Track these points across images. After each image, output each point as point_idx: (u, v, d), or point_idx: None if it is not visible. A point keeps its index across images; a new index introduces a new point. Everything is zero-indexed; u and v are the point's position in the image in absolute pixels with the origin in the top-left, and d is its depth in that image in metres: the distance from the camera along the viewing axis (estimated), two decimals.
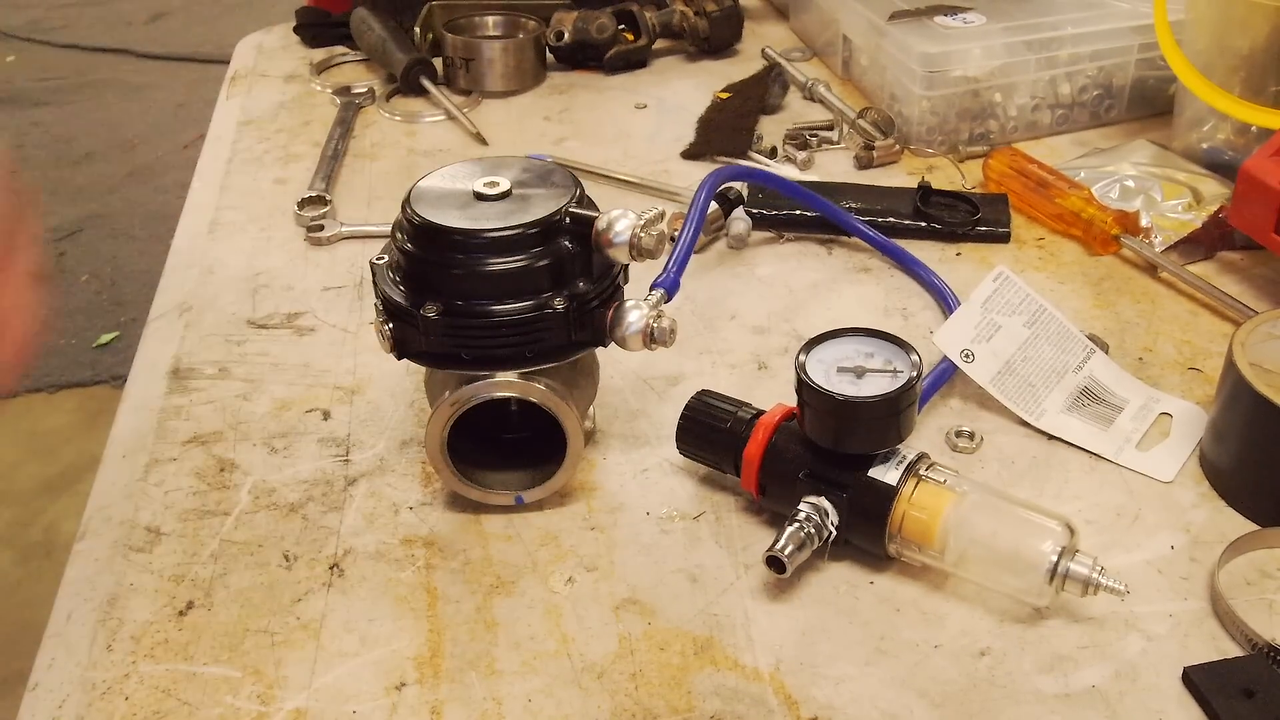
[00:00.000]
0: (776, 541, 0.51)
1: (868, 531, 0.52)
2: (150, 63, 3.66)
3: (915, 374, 0.52)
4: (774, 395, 0.59)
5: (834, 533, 0.52)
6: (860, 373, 0.53)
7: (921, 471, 0.52)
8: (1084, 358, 0.64)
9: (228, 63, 1.17)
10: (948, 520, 0.51)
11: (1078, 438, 0.60)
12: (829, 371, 0.53)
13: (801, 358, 0.53)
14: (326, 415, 0.65)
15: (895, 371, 0.53)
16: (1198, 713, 0.46)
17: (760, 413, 0.57)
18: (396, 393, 0.66)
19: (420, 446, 0.61)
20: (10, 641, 1.61)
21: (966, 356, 0.63)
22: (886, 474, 0.52)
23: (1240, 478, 0.56)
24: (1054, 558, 0.49)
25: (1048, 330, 0.65)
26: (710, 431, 0.57)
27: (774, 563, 0.50)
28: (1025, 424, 0.62)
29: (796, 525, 0.51)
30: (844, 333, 0.55)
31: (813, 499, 0.52)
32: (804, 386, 0.52)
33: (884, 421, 0.52)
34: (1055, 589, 0.49)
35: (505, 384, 0.53)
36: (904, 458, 0.52)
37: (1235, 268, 0.76)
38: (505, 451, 0.58)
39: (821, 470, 0.53)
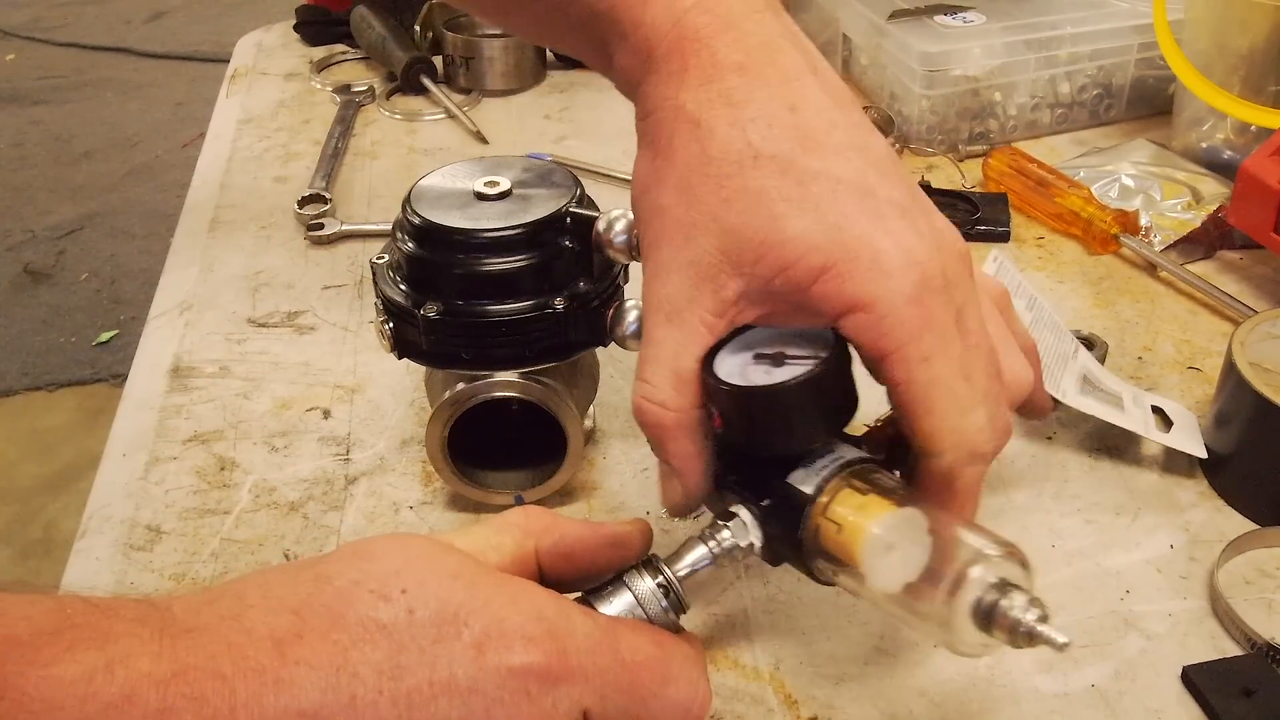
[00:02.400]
0: (674, 560, 0.42)
1: (786, 547, 0.43)
2: (150, 61, 3.66)
3: (826, 356, 0.41)
4: None
5: (754, 546, 0.43)
6: (779, 360, 0.43)
7: (851, 477, 0.42)
8: (1074, 349, 0.65)
9: (227, 61, 1.17)
10: (872, 537, 0.40)
11: (1102, 414, 0.60)
12: (745, 360, 0.43)
13: (715, 350, 0.44)
14: (327, 414, 0.65)
15: (816, 356, 0.42)
16: (1197, 712, 0.46)
17: None
18: (397, 392, 0.66)
19: (420, 446, 0.61)
20: None
21: None
22: (807, 479, 0.42)
23: (1240, 477, 0.57)
24: (981, 588, 0.37)
25: (1043, 317, 0.65)
26: None
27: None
28: (1024, 423, 0.62)
29: (699, 541, 0.43)
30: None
31: (734, 509, 0.43)
32: (710, 379, 0.43)
33: (784, 415, 0.42)
34: (973, 627, 0.37)
35: (505, 384, 0.53)
36: (837, 460, 0.42)
37: (1234, 267, 0.76)
38: (505, 451, 0.58)
39: (742, 475, 0.44)
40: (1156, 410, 0.61)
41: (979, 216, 0.79)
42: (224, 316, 0.74)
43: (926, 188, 0.81)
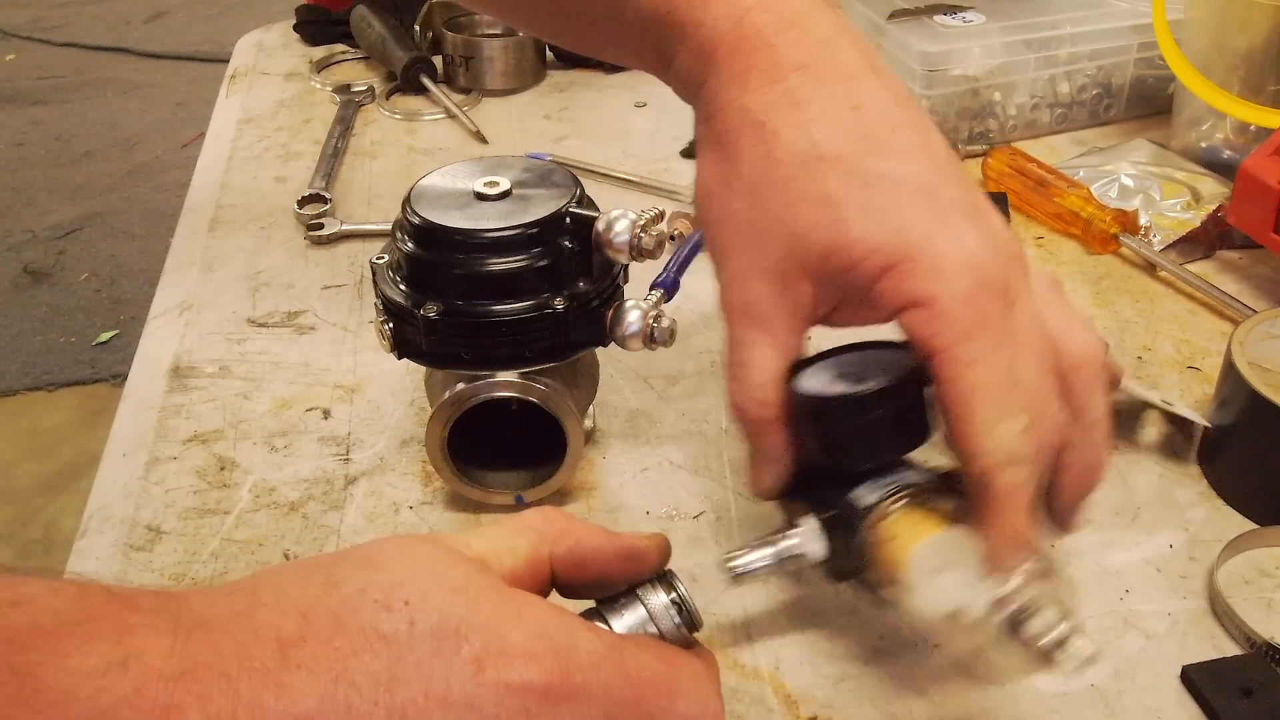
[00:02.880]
0: (743, 552, 0.44)
1: (844, 558, 0.45)
2: (150, 61, 3.66)
3: (898, 375, 0.43)
4: None
5: (816, 554, 0.44)
6: (858, 380, 0.45)
7: (910, 496, 0.43)
8: None
9: (227, 61, 1.17)
10: (917, 553, 0.41)
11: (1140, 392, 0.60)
12: (827, 380, 0.45)
13: (801, 368, 0.46)
14: (327, 414, 0.65)
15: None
16: (1196, 711, 0.47)
17: None
18: (397, 392, 0.66)
19: (420, 445, 0.61)
20: None
21: None
22: (868, 494, 0.44)
23: (1239, 476, 0.57)
24: (1016, 597, 0.39)
25: None
26: None
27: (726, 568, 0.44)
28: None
29: (764, 544, 0.45)
30: (862, 346, 0.47)
31: (800, 520, 0.45)
32: (787, 391, 0.45)
33: (852, 425, 0.43)
34: (1002, 632, 0.39)
35: (505, 384, 0.53)
36: (901, 480, 0.44)
37: (1234, 266, 0.76)
38: (505, 451, 0.58)
39: (812, 489, 0.46)
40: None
41: None
42: (224, 316, 0.74)
43: None
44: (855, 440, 0.44)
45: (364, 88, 1.06)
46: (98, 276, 2.61)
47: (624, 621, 0.40)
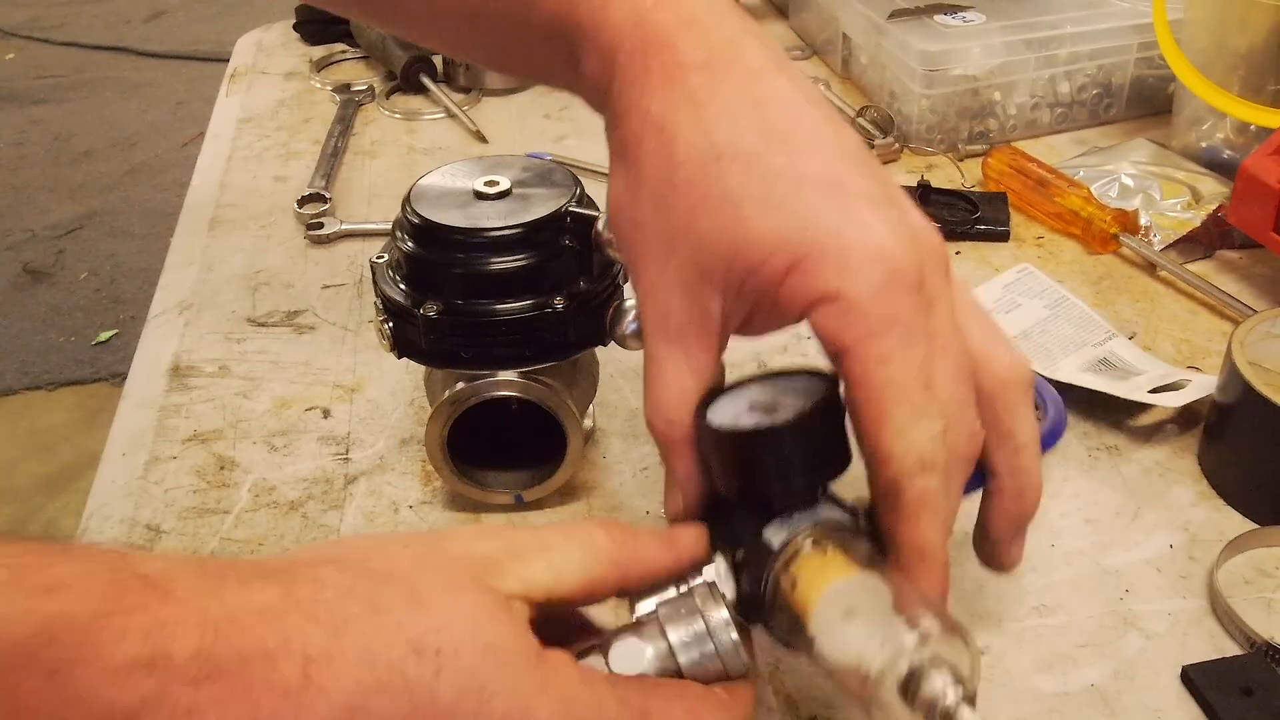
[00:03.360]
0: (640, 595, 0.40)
1: (755, 600, 0.40)
2: (149, 60, 3.66)
3: (811, 404, 0.39)
4: None
5: (733, 632, 0.39)
6: (772, 409, 0.41)
7: (813, 538, 0.39)
8: (1104, 338, 0.65)
9: (227, 60, 1.17)
10: (824, 597, 0.38)
11: (1091, 384, 0.61)
12: (740, 409, 0.42)
13: (713, 399, 0.43)
14: (326, 413, 0.65)
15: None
16: (1196, 711, 0.47)
17: None
18: (396, 391, 0.66)
19: (420, 445, 0.61)
20: None
21: None
22: (778, 533, 0.40)
23: (1239, 476, 0.57)
24: (908, 666, 0.34)
25: (1069, 314, 0.67)
26: None
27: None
28: None
29: (669, 583, 0.40)
30: (780, 374, 0.43)
31: (716, 554, 0.42)
32: (696, 422, 0.42)
33: (762, 458, 0.40)
34: (903, 706, 0.34)
35: (505, 383, 0.53)
36: (814, 518, 0.40)
37: (1234, 266, 0.76)
38: (505, 450, 0.58)
39: (724, 523, 0.43)
40: (1178, 384, 0.61)
41: (979, 216, 0.79)
42: (223, 316, 0.74)
43: (926, 187, 0.81)
44: (767, 474, 0.40)
45: (364, 87, 1.06)
46: (97, 276, 2.61)
47: (680, 634, 0.39)
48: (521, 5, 0.46)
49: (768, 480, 0.40)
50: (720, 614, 0.39)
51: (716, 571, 0.41)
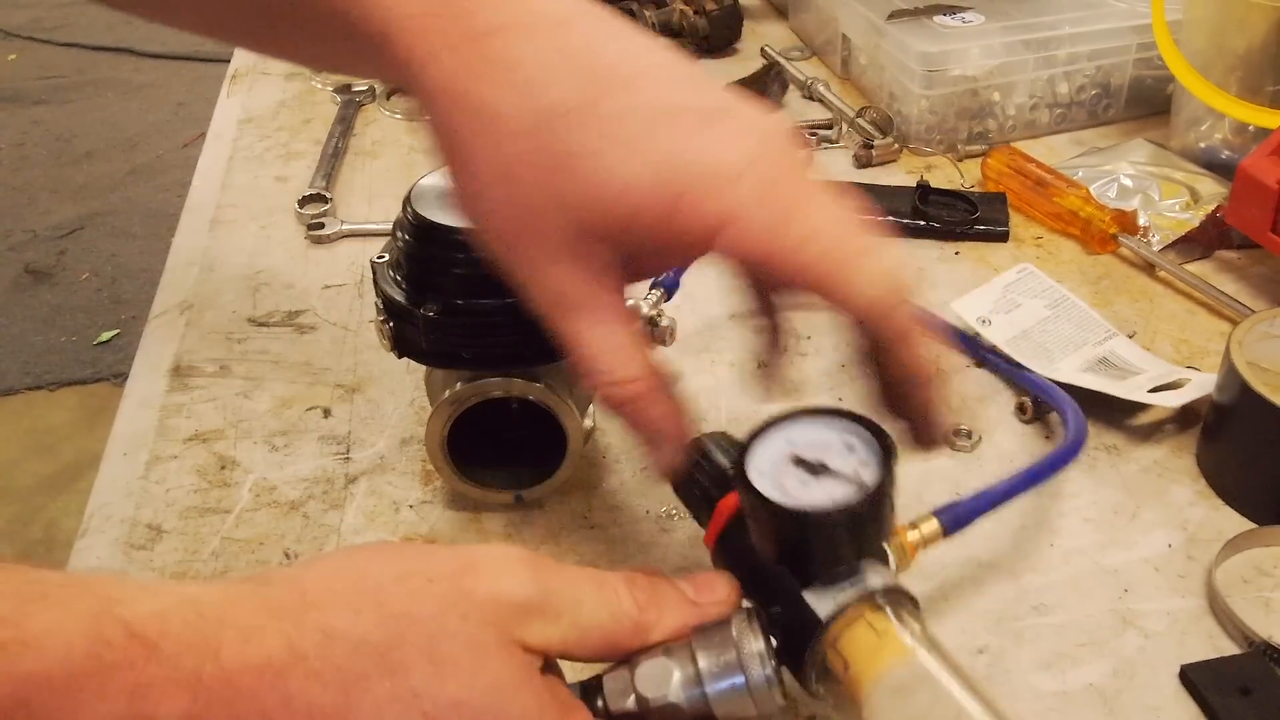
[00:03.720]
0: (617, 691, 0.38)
1: (788, 659, 0.39)
2: (151, 61, 3.66)
3: (872, 486, 0.38)
4: None
5: (768, 667, 0.38)
6: (818, 469, 0.39)
7: (865, 610, 0.38)
8: (1104, 338, 0.66)
9: (228, 61, 1.17)
10: (880, 684, 0.37)
11: (1090, 384, 0.61)
12: (781, 459, 0.40)
13: (755, 438, 0.40)
14: (327, 413, 0.65)
15: (858, 479, 0.39)
16: (1195, 710, 0.47)
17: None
18: (397, 391, 0.66)
19: (420, 445, 0.61)
20: None
21: (983, 322, 0.65)
22: (823, 599, 0.38)
23: (1237, 476, 0.57)
24: None
25: (1069, 314, 0.67)
26: (693, 486, 0.48)
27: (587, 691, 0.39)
28: (1024, 421, 0.62)
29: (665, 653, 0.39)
30: (823, 414, 0.41)
31: (745, 608, 0.40)
32: (738, 476, 0.39)
33: (813, 540, 0.39)
34: None
35: (505, 383, 0.53)
36: (860, 584, 0.39)
37: (1233, 266, 0.76)
38: (505, 450, 0.59)
39: (755, 572, 0.41)
40: (1177, 383, 0.62)
41: (978, 216, 0.80)
42: (224, 316, 0.74)
43: (925, 187, 0.81)
44: (814, 552, 0.39)
45: (364, 87, 1.06)
46: (99, 276, 2.61)
47: (710, 662, 0.38)
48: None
49: (814, 556, 0.39)
50: (756, 645, 0.38)
51: (744, 622, 0.39)
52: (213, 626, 0.30)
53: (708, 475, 0.47)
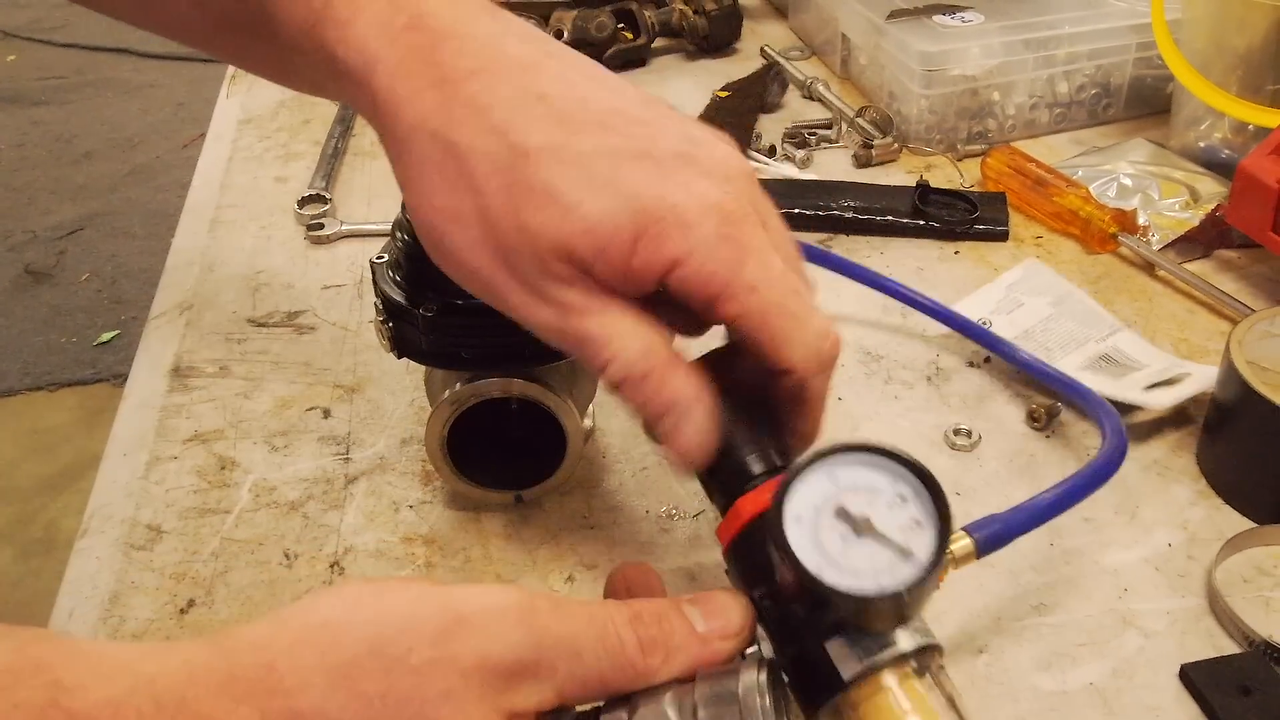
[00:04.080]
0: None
1: (801, 706, 0.38)
2: (150, 61, 3.66)
3: (927, 566, 0.35)
4: None
5: (760, 673, 0.36)
6: (863, 527, 0.36)
7: (893, 676, 0.36)
8: (1109, 333, 0.66)
9: (221, 60, 1.17)
10: None
11: (1092, 384, 0.61)
12: (823, 506, 0.36)
13: (798, 475, 0.37)
14: (327, 413, 0.65)
15: (906, 553, 0.35)
16: (1195, 710, 0.47)
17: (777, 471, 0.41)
18: (396, 391, 0.66)
19: (420, 445, 0.61)
20: None
21: (984, 324, 0.66)
22: (848, 656, 0.36)
23: (1237, 475, 0.57)
24: None
25: (1073, 310, 0.67)
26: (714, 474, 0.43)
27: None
28: (1024, 422, 0.62)
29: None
30: (878, 453, 0.37)
31: (755, 655, 0.38)
32: (773, 523, 0.36)
33: (854, 616, 0.36)
34: None
35: (505, 383, 0.53)
36: (888, 647, 0.36)
37: (1232, 266, 0.76)
38: (505, 449, 0.59)
39: (775, 611, 0.38)
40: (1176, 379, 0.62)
41: (977, 216, 0.79)
42: (224, 316, 0.74)
43: (925, 187, 0.81)
44: (853, 624, 0.36)
45: None
46: (98, 277, 2.61)
47: (710, 715, 0.35)
48: (264, 23, 0.45)
49: (845, 625, 0.36)
50: (762, 703, 0.35)
51: (756, 682, 0.36)
52: (170, 717, 0.29)
53: (730, 466, 0.42)
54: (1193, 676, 0.47)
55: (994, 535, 0.43)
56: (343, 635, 0.32)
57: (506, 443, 0.59)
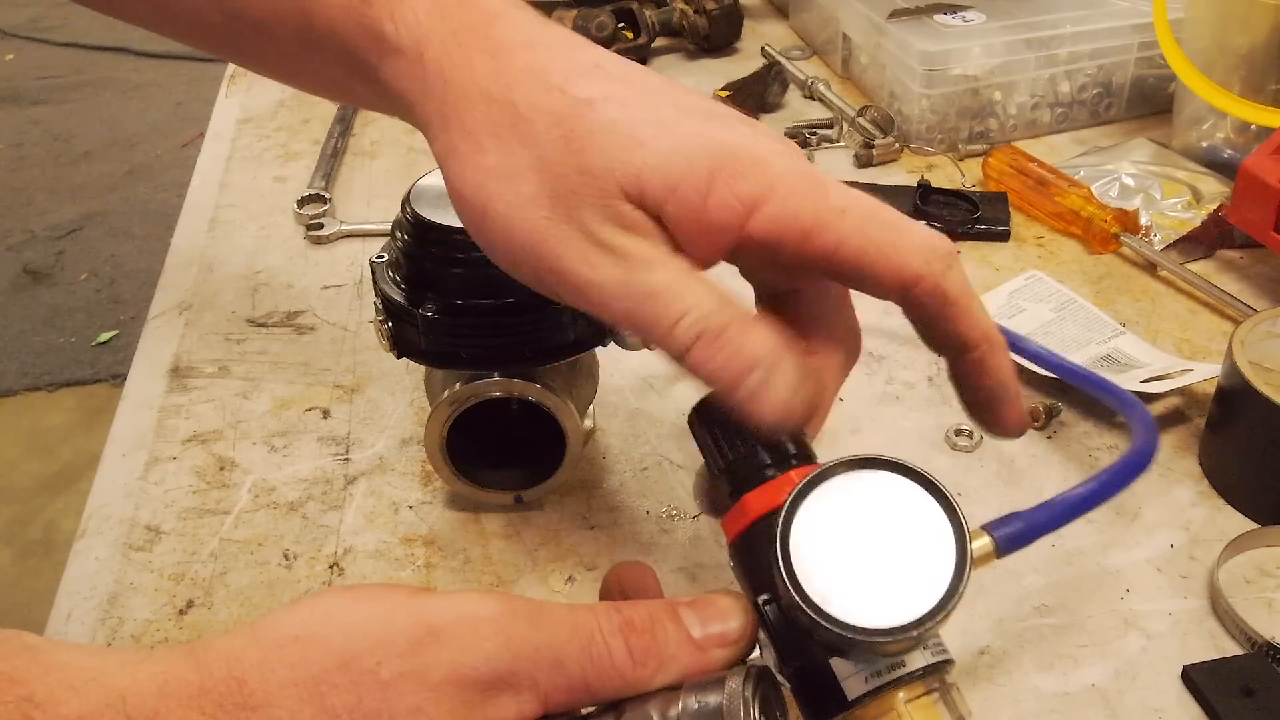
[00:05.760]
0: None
1: (801, 704, 0.36)
2: (149, 61, 3.66)
3: (942, 600, 0.33)
4: None
5: (745, 684, 0.34)
6: (875, 550, 0.34)
7: (902, 696, 0.34)
8: (1111, 335, 0.66)
9: (227, 60, 1.17)
10: None
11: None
12: (831, 527, 0.34)
13: (804, 491, 0.35)
14: (326, 414, 0.65)
15: (920, 580, 0.33)
16: (1197, 711, 0.46)
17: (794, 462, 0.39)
18: (396, 391, 0.66)
19: (420, 445, 0.61)
20: None
21: None
22: (854, 674, 0.34)
23: (1240, 476, 0.57)
24: None
25: (1075, 316, 0.67)
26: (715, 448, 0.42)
27: None
28: (1036, 428, 0.62)
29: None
30: (893, 469, 0.35)
31: (749, 668, 0.35)
32: (779, 551, 0.34)
33: (864, 651, 0.35)
34: None
35: (505, 384, 0.53)
36: (897, 663, 0.35)
37: (1234, 266, 0.76)
38: (504, 450, 0.58)
39: (776, 620, 0.36)
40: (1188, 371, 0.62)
41: (979, 216, 0.79)
42: (223, 316, 0.74)
43: (926, 187, 0.81)
44: (859, 654, 0.35)
45: None
46: (97, 276, 2.61)
47: (692, 704, 0.34)
48: (300, 15, 0.44)
49: (855, 655, 0.35)
50: (734, 688, 0.33)
51: (745, 705, 0.34)
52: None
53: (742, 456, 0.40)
54: (1195, 678, 0.47)
55: (1017, 534, 0.40)
56: (313, 649, 0.32)
57: (506, 443, 0.59)
